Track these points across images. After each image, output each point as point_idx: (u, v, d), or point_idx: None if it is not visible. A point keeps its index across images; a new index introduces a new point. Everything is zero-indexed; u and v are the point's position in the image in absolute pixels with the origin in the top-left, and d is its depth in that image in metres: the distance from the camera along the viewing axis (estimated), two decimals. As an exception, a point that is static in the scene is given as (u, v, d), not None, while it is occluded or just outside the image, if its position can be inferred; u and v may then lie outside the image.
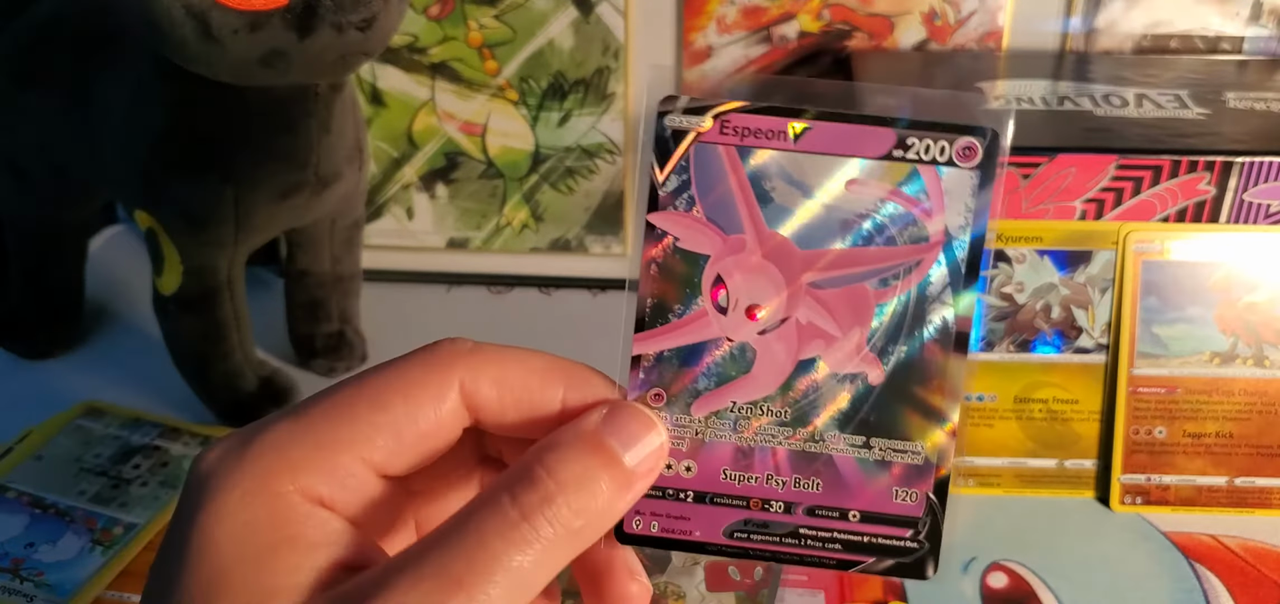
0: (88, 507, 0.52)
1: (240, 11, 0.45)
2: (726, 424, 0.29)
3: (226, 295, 0.56)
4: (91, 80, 0.56)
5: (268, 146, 0.52)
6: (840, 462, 0.29)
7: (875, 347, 0.28)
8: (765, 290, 0.28)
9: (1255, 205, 0.51)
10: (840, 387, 0.29)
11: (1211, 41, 0.64)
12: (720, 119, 0.28)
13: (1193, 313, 0.51)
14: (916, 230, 0.28)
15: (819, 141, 0.28)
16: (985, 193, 0.27)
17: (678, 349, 0.29)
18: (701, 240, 0.28)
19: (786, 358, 0.29)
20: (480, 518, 0.25)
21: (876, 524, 0.29)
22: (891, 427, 0.29)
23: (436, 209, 0.71)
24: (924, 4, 0.63)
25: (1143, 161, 0.51)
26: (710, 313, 0.28)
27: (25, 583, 0.48)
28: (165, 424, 0.58)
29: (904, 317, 0.28)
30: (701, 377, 0.29)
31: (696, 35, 0.65)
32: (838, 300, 0.28)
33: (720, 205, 0.28)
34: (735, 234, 0.28)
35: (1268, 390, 0.52)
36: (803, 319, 0.28)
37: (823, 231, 0.28)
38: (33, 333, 0.65)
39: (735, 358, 0.29)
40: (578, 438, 0.27)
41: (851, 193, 0.28)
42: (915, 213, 0.28)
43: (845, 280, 0.28)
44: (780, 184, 0.28)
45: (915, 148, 0.27)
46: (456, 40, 0.66)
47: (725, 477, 0.29)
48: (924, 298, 0.28)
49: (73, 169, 0.59)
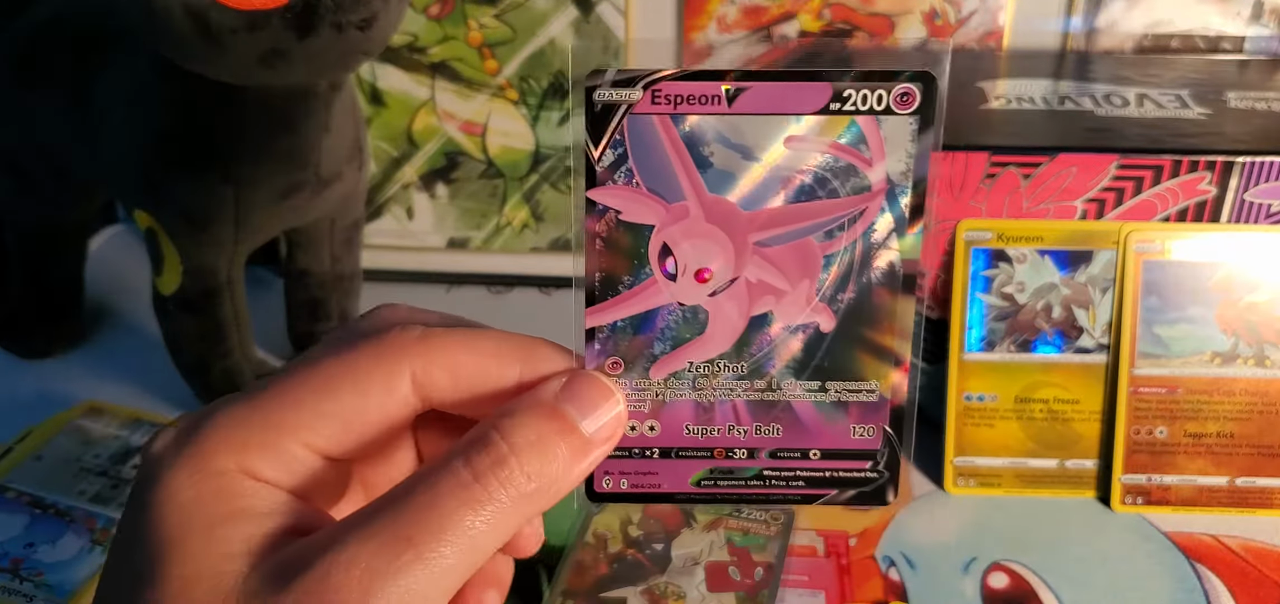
0: (87, 506, 0.52)
1: (240, 11, 0.45)
2: (685, 383, 0.30)
3: (226, 295, 0.56)
4: (91, 80, 0.56)
5: (268, 146, 0.52)
6: (799, 407, 0.30)
7: (824, 296, 0.29)
8: (712, 253, 0.29)
9: (1256, 205, 0.51)
10: (793, 337, 0.29)
11: (1212, 41, 0.64)
12: (650, 88, 0.27)
13: (1194, 313, 0.51)
14: (858, 180, 0.28)
15: (754, 102, 0.27)
16: (925, 137, 0.28)
17: (631, 318, 0.29)
18: (644, 211, 0.28)
19: (739, 316, 0.29)
20: (433, 480, 0.25)
21: (837, 460, 0.30)
22: (846, 370, 0.29)
23: (437, 209, 0.71)
24: (925, 3, 0.63)
25: (1144, 161, 0.51)
26: (660, 281, 0.29)
27: (25, 583, 0.48)
28: (165, 424, 0.58)
29: (851, 264, 0.29)
30: (656, 341, 0.29)
31: (697, 35, 0.65)
32: (785, 255, 0.29)
33: (659, 174, 0.28)
34: (677, 202, 0.28)
35: (1269, 390, 0.52)
36: (752, 277, 0.29)
37: (766, 191, 0.28)
38: (33, 332, 0.65)
39: (688, 320, 0.29)
40: (535, 405, 0.27)
41: (791, 149, 0.28)
42: (856, 163, 0.28)
43: (791, 236, 0.28)
44: (718, 148, 0.28)
45: (852, 99, 0.27)
46: (457, 40, 0.66)
47: (688, 432, 0.30)
48: (870, 245, 0.28)
49: (73, 169, 0.59)
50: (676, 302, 0.29)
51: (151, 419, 0.58)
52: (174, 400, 0.59)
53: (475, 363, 0.28)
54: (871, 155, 0.28)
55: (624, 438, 0.30)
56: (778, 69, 0.28)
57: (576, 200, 0.29)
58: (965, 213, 0.52)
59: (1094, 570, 0.50)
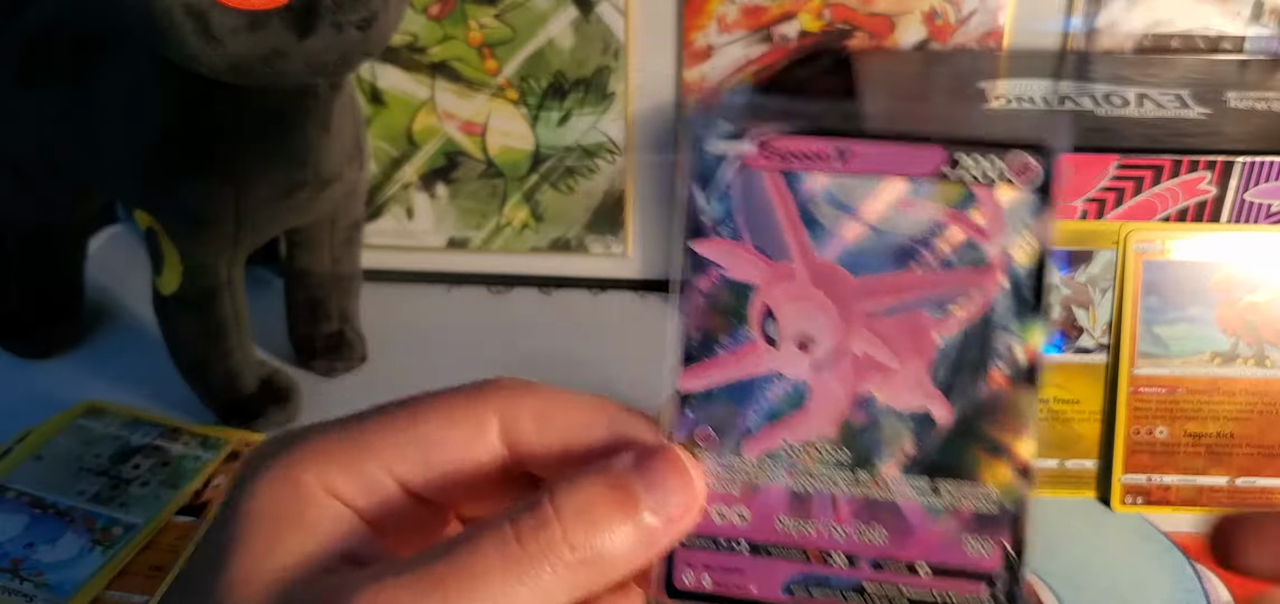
0: (87, 507, 0.52)
1: (240, 11, 0.45)
2: (780, 466, 0.27)
3: (226, 295, 0.56)
4: (91, 80, 0.56)
5: (268, 146, 0.52)
6: (905, 508, 0.27)
7: (938, 380, 0.26)
8: (817, 320, 0.27)
9: (1256, 205, 0.51)
10: (902, 424, 0.27)
11: (1212, 41, 0.64)
12: (762, 143, 0.27)
13: (1194, 313, 0.51)
14: (975, 253, 0.26)
15: (866, 162, 0.26)
16: (1046, 212, 0.26)
17: (726, 385, 0.27)
18: (747, 269, 0.27)
19: (843, 394, 0.27)
20: (479, 535, 0.25)
21: (948, 579, 0.27)
22: (960, 469, 0.27)
23: (436, 209, 0.71)
24: (925, 3, 0.63)
25: (1144, 161, 0.51)
26: (759, 346, 0.27)
27: (25, 583, 0.48)
28: (165, 424, 0.58)
29: (968, 347, 0.26)
30: (752, 414, 0.27)
31: (697, 35, 0.65)
32: (895, 330, 0.26)
33: (765, 232, 0.27)
34: (782, 261, 0.27)
35: (1269, 390, 0.52)
36: (859, 351, 0.27)
37: (875, 257, 0.26)
38: (32, 332, 0.65)
39: (788, 394, 0.27)
40: (598, 473, 0.26)
41: (903, 215, 0.26)
42: (972, 234, 0.26)
43: (902, 308, 0.26)
44: (827, 208, 0.26)
45: (967, 166, 0.26)
46: (457, 40, 0.66)
47: (781, 525, 0.27)
48: (989, 326, 0.26)
49: (72, 168, 0.59)
50: (776, 371, 0.27)
51: (151, 419, 0.58)
52: (174, 400, 0.59)
53: (563, 416, 0.27)
54: (988, 228, 0.26)
55: (711, 526, 0.27)
56: (891, 130, 0.26)
57: (677, 252, 0.27)
58: (965, 213, 0.52)
59: (1094, 570, 0.50)
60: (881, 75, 0.60)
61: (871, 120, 0.27)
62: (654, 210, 0.69)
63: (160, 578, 0.49)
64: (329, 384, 0.63)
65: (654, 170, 0.69)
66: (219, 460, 0.55)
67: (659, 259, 0.71)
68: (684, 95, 0.66)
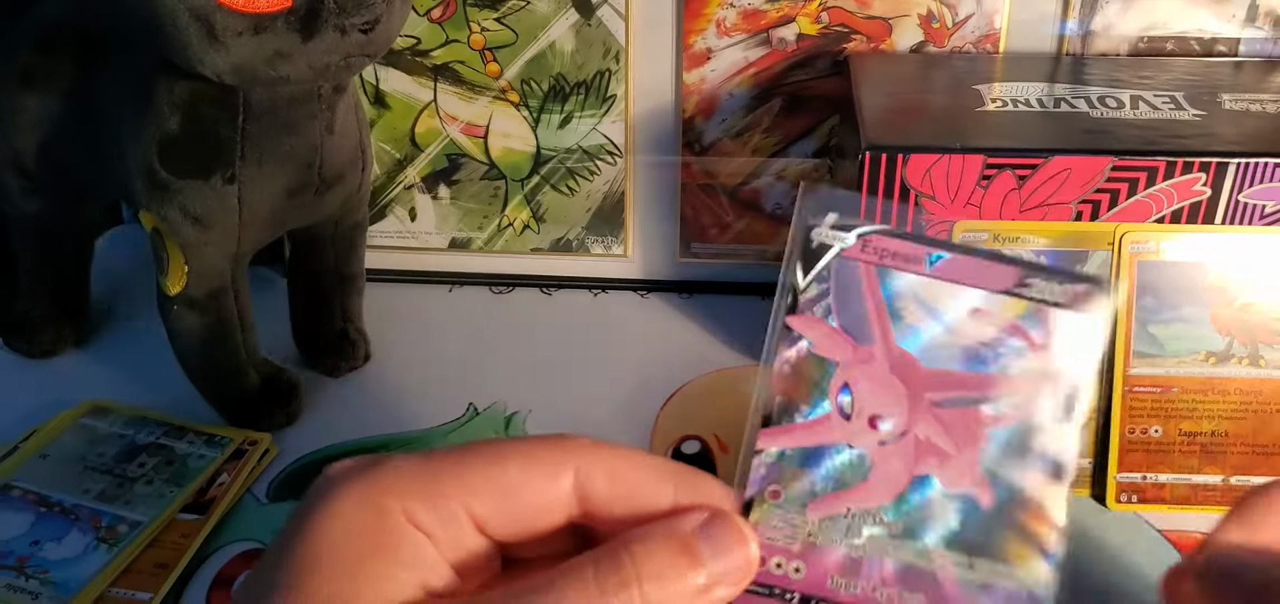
0: (92, 504, 0.52)
1: (244, 14, 0.46)
2: (839, 529, 0.29)
3: (230, 295, 0.56)
4: (95, 82, 0.56)
5: (271, 149, 0.52)
6: (944, 580, 0.29)
7: (984, 468, 0.29)
8: (889, 402, 0.29)
9: (1250, 206, 0.52)
10: (949, 504, 0.29)
11: (1207, 44, 0.64)
12: (863, 238, 0.30)
13: (1188, 313, 0.52)
14: (1030, 364, 0.29)
15: (950, 271, 0.30)
16: (1095, 337, 0.29)
17: (800, 449, 0.30)
18: (834, 347, 0.30)
19: (903, 470, 0.29)
20: (562, 582, 0.27)
21: None
22: (995, 549, 0.29)
23: (439, 210, 0.71)
24: (921, 6, 0.64)
25: (1138, 163, 0.51)
26: (835, 418, 0.30)
27: (31, 580, 0.48)
28: (169, 423, 0.58)
29: (1012, 442, 0.29)
30: (819, 479, 0.30)
31: (696, 38, 0.65)
32: (955, 420, 0.29)
33: (855, 317, 0.30)
34: (866, 345, 0.30)
35: (1263, 390, 0.52)
36: (921, 435, 0.29)
37: (946, 354, 0.30)
38: (39, 332, 0.65)
39: (854, 465, 0.30)
40: (669, 535, 0.28)
41: (975, 321, 0.30)
42: (1030, 346, 0.29)
43: (963, 402, 0.29)
44: (911, 305, 0.30)
45: (1035, 287, 0.29)
46: (459, 43, 0.67)
47: (832, 583, 0.29)
48: (1032, 428, 0.29)
49: (77, 170, 0.59)
50: (846, 442, 0.30)
51: (156, 418, 0.58)
52: (178, 400, 0.60)
53: (634, 474, 0.29)
54: (1044, 343, 0.29)
55: (769, 575, 0.29)
56: (976, 249, 0.30)
57: (773, 324, 0.30)
58: (962, 214, 0.53)
59: (1089, 568, 0.50)
60: (878, 78, 0.60)
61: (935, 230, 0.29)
62: (654, 211, 0.70)
63: (165, 575, 0.49)
64: (332, 383, 0.63)
65: (653, 172, 0.69)
66: (223, 458, 0.56)
67: (659, 260, 0.71)
68: (684, 97, 0.67)
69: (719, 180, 0.69)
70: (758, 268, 0.71)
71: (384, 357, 0.65)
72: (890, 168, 0.52)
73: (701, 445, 0.57)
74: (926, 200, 0.53)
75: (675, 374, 0.63)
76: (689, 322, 0.69)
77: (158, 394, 0.61)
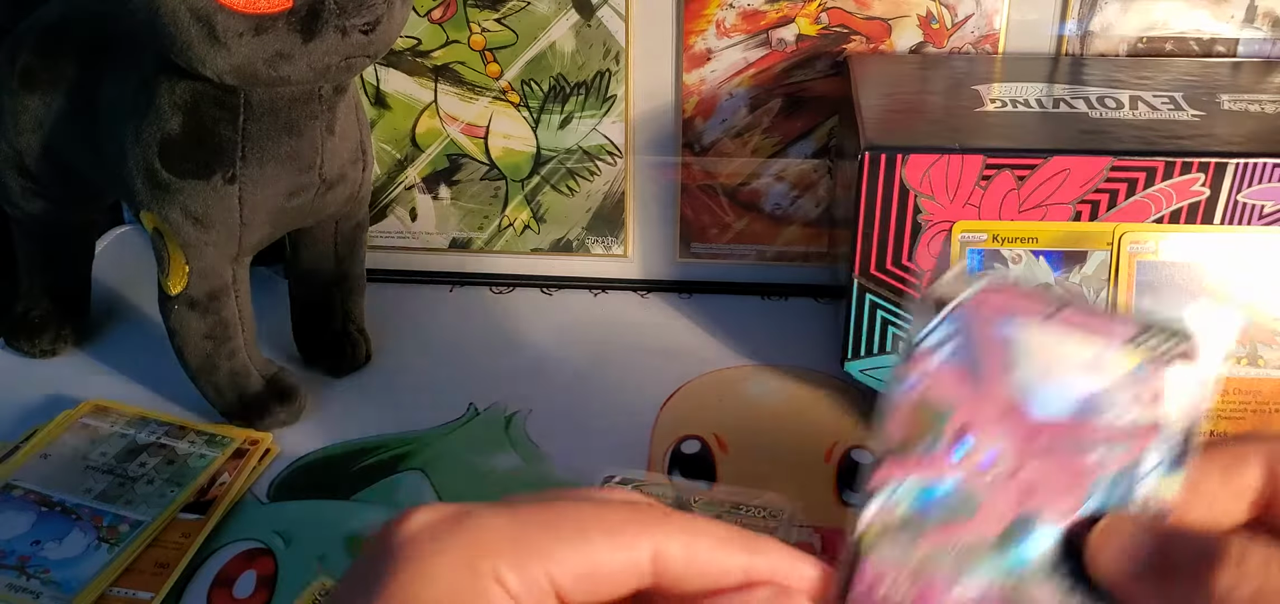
0: (94, 504, 0.52)
1: (245, 15, 0.46)
2: (945, 564, 0.30)
3: (231, 296, 0.56)
4: (97, 83, 0.56)
5: (272, 149, 0.52)
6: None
7: (1085, 511, 0.30)
8: (1001, 445, 0.30)
9: (1249, 206, 0.52)
10: (1053, 544, 0.30)
11: (1206, 44, 0.65)
12: (989, 291, 0.32)
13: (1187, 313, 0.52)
14: (1137, 415, 0.30)
15: (1068, 322, 0.31)
16: (1202, 392, 0.30)
17: (913, 483, 0.31)
18: (953, 390, 0.31)
19: (1008, 510, 0.30)
20: None
21: None
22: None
23: (439, 210, 0.71)
24: (921, 7, 0.64)
25: (1137, 163, 0.51)
26: (949, 456, 0.31)
27: (32, 580, 0.48)
28: (170, 423, 0.58)
29: (1114, 488, 0.30)
30: (932, 512, 0.31)
31: (696, 39, 0.65)
32: (1060, 466, 0.30)
33: (974, 363, 0.31)
34: (981, 389, 0.31)
35: (1261, 390, 0.52)
36: (1026, 477, 0.30)
37: (1058, 401, 0.30)
38: (40, 332, 0.65)
39: (964, 501, 0.31)
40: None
41: (1088, 371, 0.30)
42: (1141, 400, 0.30)
43: (1069, 448, 0.30)
44: (1029, 355, 0.31)
45: (1149, 342, 0.30)
46: (459, 43, 0.67)
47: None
48: (1135, 477, 0.30)
49: (79, 171, 0.60)
50: (959, 479, 0.31)
51: (157, 418, 0.59)
52: (179, 400, 0.60)
53: (708, 547, 0.29)
54: (1153, 396, 0.30)
55: (885, 599, 0.31)
56: (1093, 304, 0.32)
57: (897, 368, 0.32)
58: (961, 214, 0.53)
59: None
60: (878, 78, 0.61)
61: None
62: (653, 212, 0.70)
63: (166, 575, 0.49)
64: (333, 383, 0.63)
65: (653, 172, 0.69)
66: (224, 458, 0.56)
67: (659, 260, 0.71)
68: (684, 97, 0.67)
69: (719, 181, 0.69)
70: (757, 268, 0.71)
71: (384, 357, 0.65)
72: (889, 168, 0.53)
73: (701, 445, 0.58)
74: (926, 201, 0.53)
75: (675, 374, 0.63)
76: (689, 322, 0.69)
77: (159, 394, 0.61)
